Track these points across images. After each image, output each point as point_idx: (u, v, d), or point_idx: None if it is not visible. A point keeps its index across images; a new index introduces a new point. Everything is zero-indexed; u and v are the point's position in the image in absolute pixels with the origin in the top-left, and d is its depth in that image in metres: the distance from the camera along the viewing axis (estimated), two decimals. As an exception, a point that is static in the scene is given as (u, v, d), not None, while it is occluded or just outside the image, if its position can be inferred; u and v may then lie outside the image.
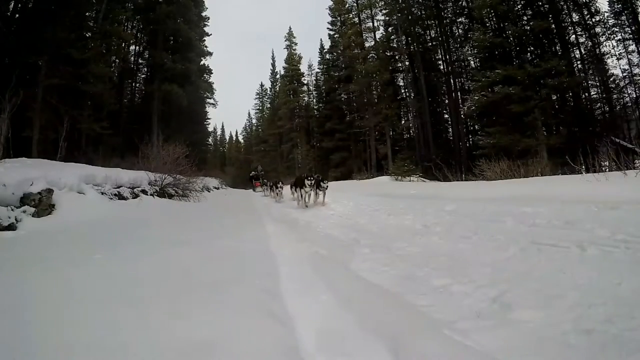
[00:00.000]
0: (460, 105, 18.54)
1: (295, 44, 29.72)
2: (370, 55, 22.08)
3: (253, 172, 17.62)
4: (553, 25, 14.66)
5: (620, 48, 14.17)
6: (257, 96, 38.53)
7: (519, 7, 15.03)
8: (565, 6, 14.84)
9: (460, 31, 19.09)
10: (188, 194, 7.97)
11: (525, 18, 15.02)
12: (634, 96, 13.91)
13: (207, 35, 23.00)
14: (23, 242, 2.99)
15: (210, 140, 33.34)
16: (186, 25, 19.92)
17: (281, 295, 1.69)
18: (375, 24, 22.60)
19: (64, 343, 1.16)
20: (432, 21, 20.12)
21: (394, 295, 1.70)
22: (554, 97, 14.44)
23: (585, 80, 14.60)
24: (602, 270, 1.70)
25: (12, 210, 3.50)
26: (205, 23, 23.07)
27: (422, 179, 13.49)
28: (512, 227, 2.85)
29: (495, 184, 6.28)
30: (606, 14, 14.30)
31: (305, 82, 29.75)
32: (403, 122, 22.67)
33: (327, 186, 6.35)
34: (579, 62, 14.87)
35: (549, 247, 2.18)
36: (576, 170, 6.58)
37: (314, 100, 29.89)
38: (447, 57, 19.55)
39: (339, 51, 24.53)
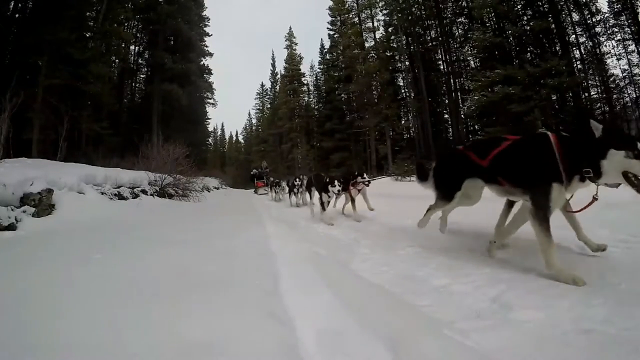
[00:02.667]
0: (460, 105, 18.54)
1: (296, 44, 29.76)
2: (370, 55, 22.09)
3: (255, 170, 15.48)
4: (553, 25, 14.67)
5: (620, 48, 14.17)
6: (258, 96, 38.55)
7: (519, 7, 15.03)
8: (565, 6, 14.84)
9: (460, 31, 19.09)
10: (188, 194, 7.98)
11: (525, 18, 15.02)
12: (634, 96, 13.91)
13: (208, 35, 23.05)
14: (23, 242, 2.99)
15: (210, 140, 33.36)
16: (186, 25, 19.95)
17: (281, 295, 1.69)
18: (375, 24, 22.64)
19: (63, 343, 1.16)
20: (432, 21, 20.12)
21: (394, 295, 1.70)
22: (554, 97, 14.44)
23: (585, 80, 14.60)
24: (602, 270, 1.70)
25: (12, 210, 3.50)
26: (206, 23, 23.11)
27: (422, 179, 13.44)
28: (512, 227, 2.84)
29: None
30: (606, 14, 14.31)
31: (306, 82, 29.78)
32: (403, 122, 22.67)
33: None
34: (579, 62, 14.86)
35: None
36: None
37: (314, 100, 29.91)
38: (447, 57, 19.56)
39: (339, 51, 24.55)
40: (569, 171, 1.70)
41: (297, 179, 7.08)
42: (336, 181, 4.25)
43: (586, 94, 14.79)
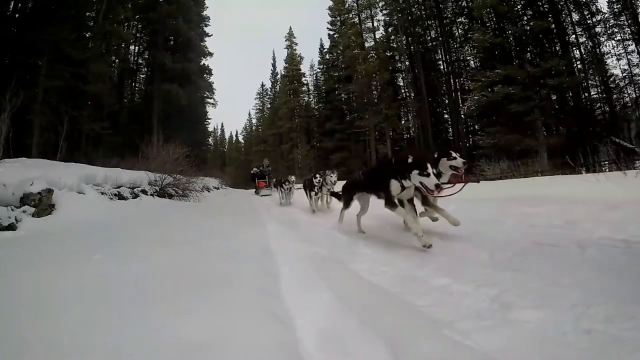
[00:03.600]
0: (460, 105, 18.55)
1: (296, 44, 29.76)
2: (370, 55, 22.10)
3: (255, 169, 14.17)
4: (553, 25, 14.67)
5: (620, 48, 14.19)
6: (258, 96, 38.57)
7: (519, 7, 15.04)
8: (565, 6, 14.85)
9: (460, 31, 19.10)
10: (188, 194, 7.97)
11: (525, 18, 15.03)
12: (634, 96, 13.92)
13: (208, 35, 23.05)
14: (23, 242, 2.99)
15: (210, 140, 33.36)
16: (186, 25, 19.96)
17: (281, 295, 1.69)
18: (375, 24, 22.64)
19: (62, 343, 1.16)
20: (432, 21, 20.14)
21: (394, 295, 1.70)
22: (554, 97, 14.45)
23: (585, 80, 14.61)
24: (602, 270, 1.70)
25: (12, 210, 3.50)
26: (206, 23, 23.12)
27: (422, 179, 13.44)
28: (512, 227, 2.85)
29: (495, 184, 6.28)
30: (606, 15, 14.33)
31: (306, 82, 29.79)
32: (403, 122, 22.68)
33: None
34: (579, 62, 14.87)
35: (549, 247, 2.18)
36: (576, 170, 6.58)
37: (314, 100, 29.92)
38: (447, 57, 19.57)
39: (339, 51, 24.57)
40: None
41: (317, 175, 5.64)
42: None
43: (586, 94, 14.80)
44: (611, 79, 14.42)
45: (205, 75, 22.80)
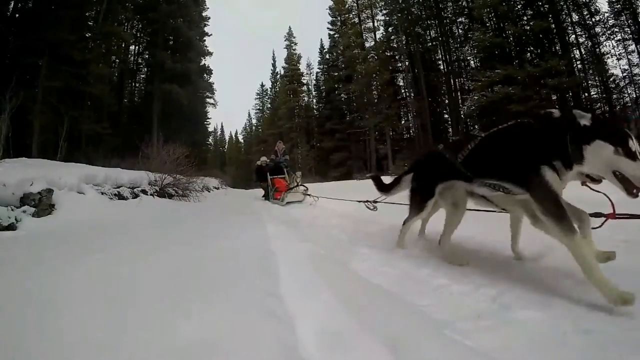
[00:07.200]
0: (460, 105, 18.56)
1: (295, 44, 29.82)
2: (370, 55, 22.13)
3: (264, 159, 9.57)
4: (553, 25, 14.70)
5: (620, 48, 14.20)
6: (258, 96, 38.62)
7: (519, 7, 15.06)
8: (565, 6, 14.86)
9: (460, 31, 19.13)
10: (188, 194, 7.98)
11: (525, 18, 15.05)
12: (634, 96, 13.93)
13: (208, 35, 23.08)
14: (23, 242, 2.99)
15: (210, 140, 33.38)
16: (186, 25, 19.97)
17: (281, 295, 1.68)
18: (375, 24, 22.71)
19: (62, 343, 1.16)
20: (432, 21, 20.18)
21: (394, 295, 1.69)
22: (554, 97, 14.46)
23: (585, 80, 14.62)
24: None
25: (12, 210, 3.51)
26: (206, 23, 23.15)
27: (422, 179, 13.46)
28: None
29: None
30: (606, 14, 14.34)
31: (305, 81, 29.82)
32: (403, 122, 22.71)
33: None
34: (579, 62, 14.88)
35: (549, 247, 2.18)
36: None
37: (314, 100, 29.94)
38: (447, 57, 19.61)
39: (339, 51, 24.60)
40: None
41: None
42: None
43: (586, 94, 14.82)
44: (611, 79, 14.44)
45: (205, 75, 22.85)
